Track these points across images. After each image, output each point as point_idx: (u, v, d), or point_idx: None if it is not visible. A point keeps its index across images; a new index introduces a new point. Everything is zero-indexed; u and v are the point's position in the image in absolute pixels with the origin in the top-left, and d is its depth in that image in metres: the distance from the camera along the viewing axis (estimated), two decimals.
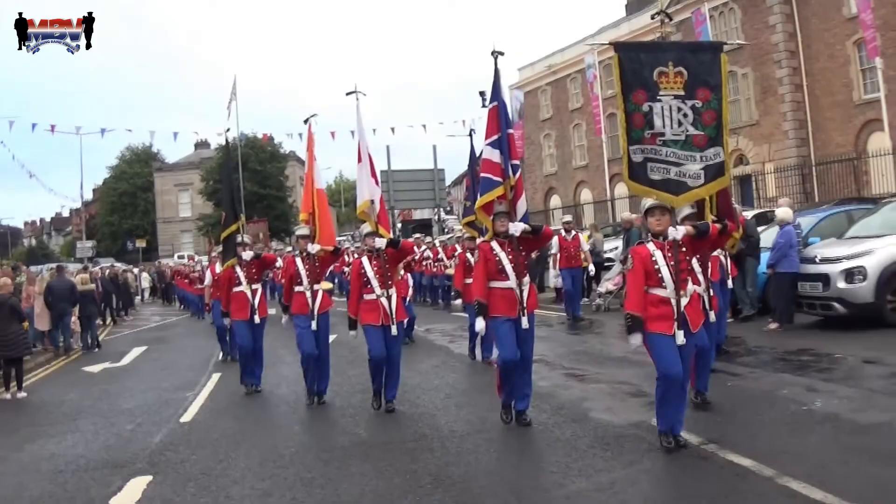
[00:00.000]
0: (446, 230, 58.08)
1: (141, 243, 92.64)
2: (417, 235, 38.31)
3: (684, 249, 9.00)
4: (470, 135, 20.03)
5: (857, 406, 10.29)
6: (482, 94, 50.44)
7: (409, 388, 13.60)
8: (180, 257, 78.91)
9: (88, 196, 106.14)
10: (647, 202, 9.24)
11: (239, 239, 15.75)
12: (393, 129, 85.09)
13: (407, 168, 49.48)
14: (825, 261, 16.41)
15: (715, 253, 11.90)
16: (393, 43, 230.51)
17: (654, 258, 8.90)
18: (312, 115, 15.03)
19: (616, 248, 27.15)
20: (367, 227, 13.16)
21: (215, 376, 17.47)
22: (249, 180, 76.65)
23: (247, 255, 15.54)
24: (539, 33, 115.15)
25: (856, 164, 38.93)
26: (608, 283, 24.75)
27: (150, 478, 9.55)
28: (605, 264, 26.13)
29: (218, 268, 18.68)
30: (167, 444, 11.42)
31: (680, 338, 8.74)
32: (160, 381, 17.87)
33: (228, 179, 18.31)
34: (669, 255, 8.88)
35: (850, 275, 15.98)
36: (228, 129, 19.75)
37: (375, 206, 13.01)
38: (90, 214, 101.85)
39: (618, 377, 13.66)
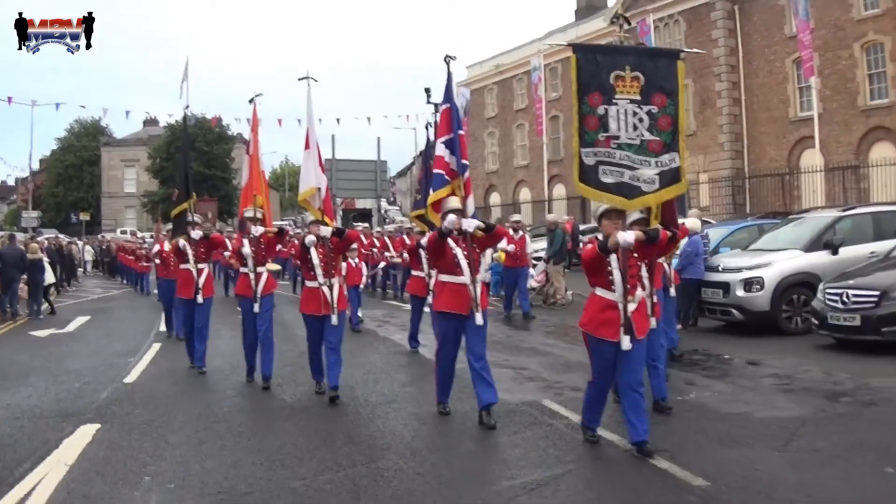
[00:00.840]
0: (388, 220, 59.17)
1: (85, 216, 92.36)
2: (359, 224, 37.17)
3: (635, 255, 8.97)
4: (426, 128, 20.28)
5: (724, 399, 11.63)
6: (427, 90, 51.02)
7: None
8: (123, 232, 78.85)
9: (35, 165, 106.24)
10: (602, 206, 9.27)
11: (189, 218, 15.65)
12: (338, 120, 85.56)
13: (351, 158, 50.23)
14: (727, 270, 17.72)
15: (658, 260, 11.48)
16: (343, 29, 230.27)
17: (608, 259, 8.83)
18: (257, 95, 15.07)
19: (542, 248, 28.05)
20: (310, 216, 13.40)
21: (156, 345, 18.55)
22: (196, 161, 75.73)
23: (196, 233, 15.38)
24: (488, 32, 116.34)
25: (787, 178, 40.45)
26: (532, 280, 25.39)
27: (98, 426, 10.77)
28: (533, 263, 26.47)
29: (167, 245, 19.12)
30: (113, 399, 12.67)
31: (626, 343, 8.69)
32: (104, 347, 19.03)
33: (184, 157, 17.96)
34: (620, 258, 8.78)
35: (748, 284, 17.27)
36: (188, 107, 19.02)
37: (321, 194, 12.93)
38: (35, 185, 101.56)
39: (522, 363, 14.92)
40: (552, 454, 9.01)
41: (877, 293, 14.33)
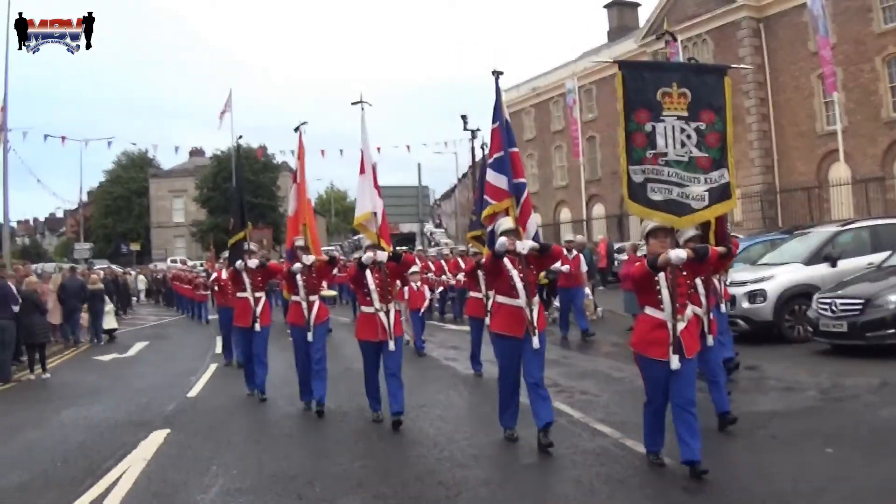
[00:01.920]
0: (433, 243, 60.31)
1: (135, 247, 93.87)
2: (402, 248, 37.88)
3: (684, 273, 8.85)
4: (482, 148, 20.38)
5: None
6: (464, 117, 52.31)
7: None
8: (173, 261, 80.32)
9: (84, 197, 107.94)
10: (649, 224, 9.16)
11: (245, 246, 15.71)
12: (379, 149, 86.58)
13: (393, 185, 51.49)
14: (733, 284, 18.72)
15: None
16: (380, 48, 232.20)
17: (656, 277, 8.73)
18: (303, 123, 15.05)
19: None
20: (367, 240, 12.86)
21: (213, 366, 20.03)
22: (232, 194, 77.38)
23: (252, 262, 15.29)
24: (524, 56, 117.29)
25: (817, 192, 41.26)
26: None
27: (167, 431, 12.39)
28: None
29: (224, 274, 19.27)
30: (178, 411, 14.27)
31: (675, 363, 8.56)
32: (165, 368, 20.60)
33: (239, 186, 17.87)
34: (669, 277, 8.69)
35: (752, 296, 18.38)
36: (241, 136, 19.58)
37: (377, 218, 12.80)
38: (84, 217, 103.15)
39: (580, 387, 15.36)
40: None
41: (861, 301, 15.49)
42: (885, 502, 7.69)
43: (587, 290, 25.41)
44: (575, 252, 22.88)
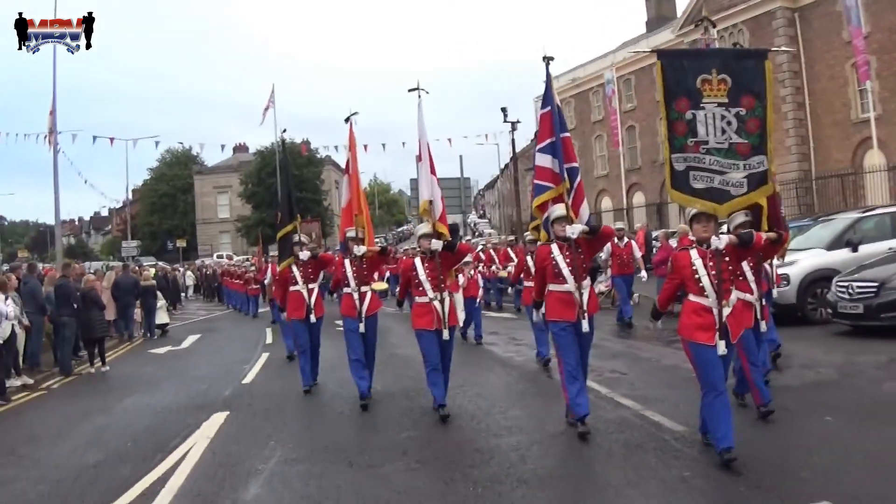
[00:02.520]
0: (476, 233, 60.96)
1: (181, 243, 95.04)
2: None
3: (727, 259, 8.90)
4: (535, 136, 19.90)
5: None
6: (504, 110, 52.70)
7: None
8: (219, 257, 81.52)
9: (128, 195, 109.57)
10: (693, 209, 9.26)
11: (295, 238, 15.51)
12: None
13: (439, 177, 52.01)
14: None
15: None
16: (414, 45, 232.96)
17: (694, 266, 8.84)
18: (353, 114, 14.70)
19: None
20: (423, 228, 12.67)
21: (265, 355, 20.90)
22: (281, 187, 78.87)
23: (304, 254, 15.28)
24: (564, 47, 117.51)
25: (852, 179, 41.58)
26: (601, 285, 26.25)
27: (227, 413, 13.30)
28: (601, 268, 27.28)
29: (277, 267, 18.34)
30: (235, 395, 15.17)
31: (721, 348, 8.60)
32: (219, 358, 21.54)
33: (287, 179, 17.09)
34: (711, 263, 8.76)
35: None
36: (285, 130, 19.36)
37: (436, 205, 12.62)
38: (130, 215, 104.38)
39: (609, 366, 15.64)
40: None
41: (876, 284, 16.16)
42: (870, 464, 8.31)
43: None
44: (626, 239, 23.01)
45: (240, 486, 9.03)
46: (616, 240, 22.17)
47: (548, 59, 11.08)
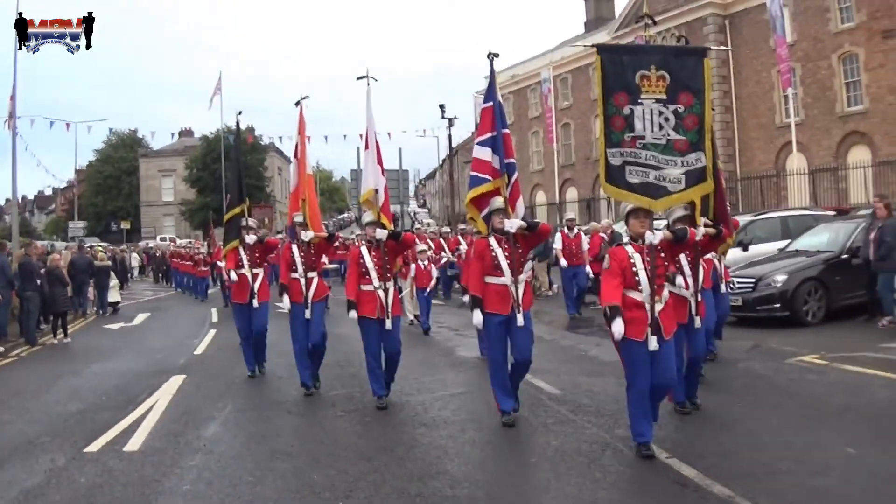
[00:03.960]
0: (415, 223, 62.39)
1: (125, 225, 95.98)
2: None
3: (662, 254, 8.95)
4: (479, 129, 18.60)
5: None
6: (442, 106, 54.30)
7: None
8: (162, 239, 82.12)
9: (71, 176, 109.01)
10: (629, 205, 9.16)
11: (243, 222, 15.35)
12: (361, 136, 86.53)
13: None
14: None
15: (708, 257, 11.62)
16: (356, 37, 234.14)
17: (632, 260, 8.79)
18: (304, 97, 14.66)
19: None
20: (368, 216, 12.78)
21: (212, 331, 22.99)
22: (231, 169, 79.05)
23: (250, 238, 15.20)
24: (505, 45, 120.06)
25: (775, 180, 43.70)
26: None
27: (184, 376, 15.39)
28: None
29: (222, 249, 18.34)
30: (189, 363, 17.30)
31: (652, 343, 8.62)
32: (170, 333, 23.64)
33: (237, 162, 17.28)
34: (647, 258, 8.76)
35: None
36: (241, 112, 19.23)
37: (380, 195, 12.64)
38: (76, 195, 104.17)
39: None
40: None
41: (754, 280, 18.25)
42: (710, 424, 10.27)
43: (544, 268, 28.13)
44: (576, 230, 23.28)
45: (201, 427, 11.23)
46: (566, 230, 23.03)
47: (492, 56, 11.17)
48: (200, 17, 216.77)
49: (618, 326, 8.40)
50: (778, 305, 17.80)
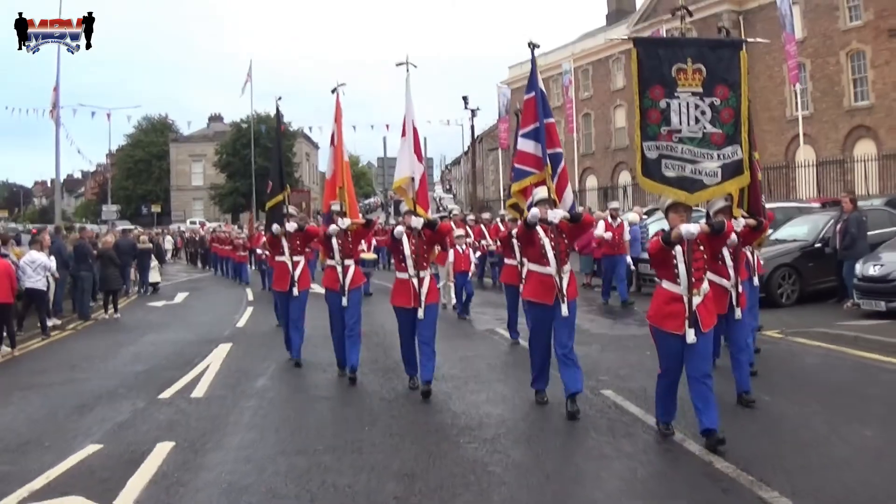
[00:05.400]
0: (440, 208, 63.85)
1: (156, 208, 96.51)
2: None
3: (701, 247, 8.82)
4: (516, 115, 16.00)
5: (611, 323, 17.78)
6: (465, 98, 55.75)
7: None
8: (192, 223, 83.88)
9: (102, 160, 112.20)
10: (668, 199, 9.11)
11: (284, 210, 15.17)
12: (387, 126, 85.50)
13: None
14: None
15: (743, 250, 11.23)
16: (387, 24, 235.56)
17: (673, 252, 8.69)
18: (341, 85, 14.42)
19: None
20: (405, 205, 12.77)
21: (250, 308, 25.12)
22: (261, 156, 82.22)
23: (291, 225, 14.80)
24: (526, 35, 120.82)
25: (785, 171, 45.02)
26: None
27: (230, 344, 17.58)
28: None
29: (263, 237, 19.44)
30: (233, 334, 19.50)
31: (690, 336, 8.58)
32: (212, 310, 25.90)
33: (278, 150, 16.74)
34: (685, 251, 8.67)
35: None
36: (280, 98, 19.09)
37: (415, 183, 12.57)
38: (105, 178, 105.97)
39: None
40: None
41: None
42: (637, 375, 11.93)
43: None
44: (619, 220, 23.08)
45: (252, 380, 13.55)
46: (610, 219, 22.76)
47: (533, 45, 11.14)
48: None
49: (689, 227, 8.35)
50: None
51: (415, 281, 11.89)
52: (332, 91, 14.34)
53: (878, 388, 11.46)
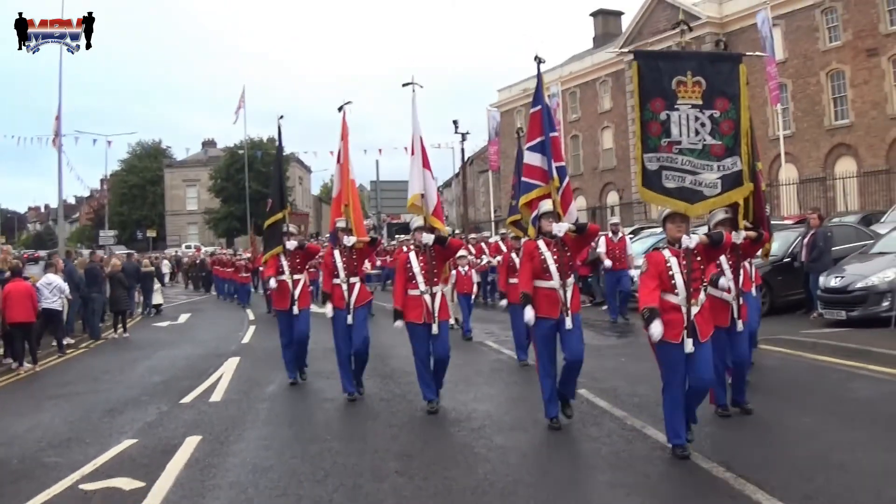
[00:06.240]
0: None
1: (151, 233, 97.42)
2: (401, 236, 40.51)
3: (699, 258, 8.91)
4: (517, 134, 18.01)
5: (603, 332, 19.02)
6: (455, 122, 56.16)
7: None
8: (188, 247, 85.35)
9: (96, 185, 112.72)
10: (666, 210, 9.20)
11: (284, 228, 15.07)
12: (380, 150, 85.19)
13: (392, 179, 56.35)
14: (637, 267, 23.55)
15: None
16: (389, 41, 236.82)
17: (668, 264, 8.81)
18: (347, 103, 14.32)
19: None
20: (417, 221, 12.60)
21: (252, 327, 26.33)
22: (254, 180, 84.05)
23: (291, 244, 14.79)
24: (515, 59, 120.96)
25: (768, 190, 46.15)
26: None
27: (238, 358, 18.84)
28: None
29: (262, 256, 17.76)
30: (240, 349, 20.79)
31: (688, 346, 8.64)
32: (216, 328, 27.24)
33: (278, 169, 16.77)
34: (684, 262, 8.76)
35: None
36: (282, 117, 18.98)
37: (429, 198, 12.53)
38: (100, 204, 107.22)
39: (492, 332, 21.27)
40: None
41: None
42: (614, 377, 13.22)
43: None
44: (621, 234, 23.28)
45: (263, 387, 14.90)
46: (611, 234, 22.93)
47: (539, 60, 11.08)
48: (223, 26, 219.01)
49: (656, 328, 8.42)
50: None
51: (427, 297, 11.89)
52: (339, 109, 14.22)
53: (826, 384, 12.76)
